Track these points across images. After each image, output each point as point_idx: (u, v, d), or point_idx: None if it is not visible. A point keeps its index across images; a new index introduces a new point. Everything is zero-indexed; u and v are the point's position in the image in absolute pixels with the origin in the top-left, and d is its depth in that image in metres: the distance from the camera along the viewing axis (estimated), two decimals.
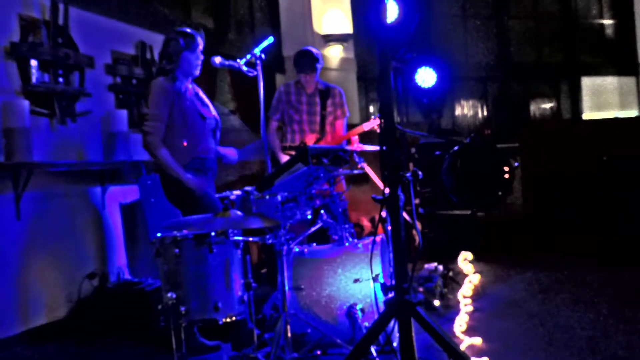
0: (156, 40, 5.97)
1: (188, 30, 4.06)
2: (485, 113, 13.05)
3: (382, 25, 2.98)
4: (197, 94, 4.06)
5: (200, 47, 4.06)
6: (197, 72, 4.06)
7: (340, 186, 5.12)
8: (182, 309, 3.11)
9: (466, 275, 5.25)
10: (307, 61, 5.29)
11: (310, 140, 5.31)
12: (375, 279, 3.54)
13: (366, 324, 3.51)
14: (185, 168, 3.89)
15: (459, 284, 5.03)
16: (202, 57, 4.08)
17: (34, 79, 4.60)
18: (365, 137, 5.53)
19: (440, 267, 5.03)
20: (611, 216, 7.91)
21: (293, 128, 5.37)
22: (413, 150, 7.44)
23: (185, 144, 3.89)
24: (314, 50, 5.42)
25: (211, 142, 4.04)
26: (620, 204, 8.01)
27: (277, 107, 5.42)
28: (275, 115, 5.42)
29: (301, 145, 5.27)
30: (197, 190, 3.85)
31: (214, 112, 4.11)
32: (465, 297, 4.70)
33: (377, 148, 4.66)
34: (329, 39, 9.11)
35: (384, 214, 3.01)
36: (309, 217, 3.71)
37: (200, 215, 3.41)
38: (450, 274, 5.21)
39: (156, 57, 5.94)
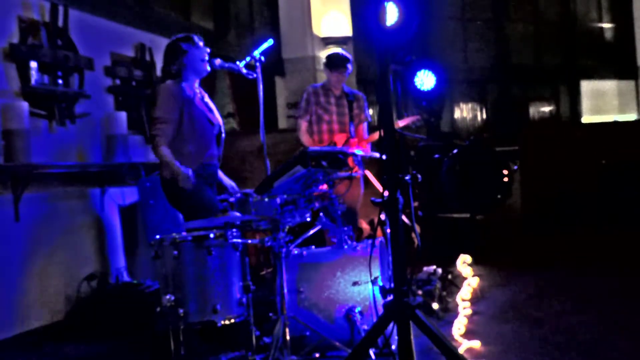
0: (155, 42, 5.98)
1: (183, 35, 4.04)
2: (484, 116, 13.06)
3: (381, 28, 2.99)
4: (203, 99, 4.03)
5: (202, 43, 4.04)
6: (208, 67, 4.00)
7: (357, 189, 5.23)
8: (181, 311, 3.11)
9: (465, 279, 5.24)
10: (340, 60, 5.44)
11: (340, 139, 5.37)
12: (374, 282, 3.54)
13: (365, 326, 3.51)
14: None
15: (458, 287, 5.02)
16: (208, 50, 4.04)
17: (33, 81, 4.60)
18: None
19: (439, 270, 5.02)
20: (611, 219, 7.92)
21: (322, 128, 5.42)
22: (412, 153, 7.44)
23: (192, 150, 3.86)
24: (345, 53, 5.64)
25: (215, 149, 4.03)
26: (620, 206, 8.02)
27: (307, 109, 5.47)
28: (305, 116, 5.47)
29: (331, 145, 5.35)
30: (188, 188, 3.79)
31: (218, 117, 4.08)
32: (464, 300, 4.69)
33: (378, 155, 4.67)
34: (328, 41, 9.12)
35: (383, 216, 3.01)
36: (308, 219, 3.70)
37: (200, 220, 3.42)
38: (449, 277, 5.20)
39: (155, 59, 5.95)
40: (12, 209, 4.42)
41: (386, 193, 2.91)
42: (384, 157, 2.94)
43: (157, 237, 3.25)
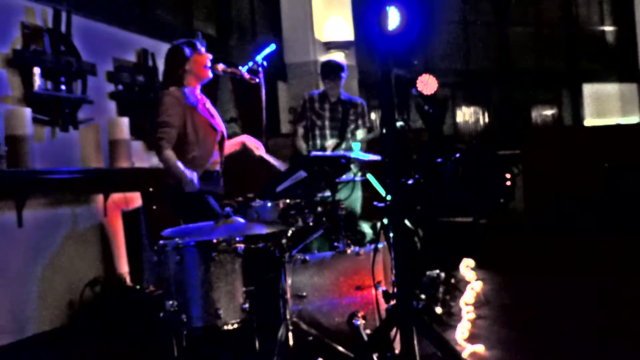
0: (158, 48, 5.99)
1: (185, 40, 4.05)
2: (486, 120, 13.06)
3: (383, 33, 2.99)
4: (205, 104, 4.03)
5: (204, 49, 4.04)
6: (210, 73, 4.00)
7: (358, 193, 5.35)
8: (183, 316, 3.11)
9: (468, 283, 5.23)
10: (333, 69, 5.58)
11: (331, 145, 5.44)
12: (377, 286, 3.53)
13: (368, 331, 3.50)
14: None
15: (461, 291, 5.02)
16: (210, 56, 4.04)
17: (36, 87, 4.61)
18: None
19: (442, 275, 5.01)
20: (613, 222, 7.91)
21: (314, 133, 5.58)
22: (414, 157, 7.45)
23: (196, 156, 3.86)
24: (339, 61, 5.80)
25: (218, 155, 4.03)
26: (623, 209, 8.01)
27: (303, 115, 5.66)
28: (301, 122, 5.67)
29: (322, 150, 5.47)
30: (192, 191, 3.78)
31: (220, 123, 4.09)
32: (467, 304, 4.69)
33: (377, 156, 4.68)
34: (330, 45, 9.13)
35: (386, 221, 3.01)
36: (311, 224, 3.70)
37: (203, 223, 3.40)
38: (453, 281, 5.19)
39: (158, 64, 5.96)
40: (15, 215, 4.42)
41: (389, 197, 2.91)
42: (385, 159, 2.94)
43: (160, 242, 3.25)
